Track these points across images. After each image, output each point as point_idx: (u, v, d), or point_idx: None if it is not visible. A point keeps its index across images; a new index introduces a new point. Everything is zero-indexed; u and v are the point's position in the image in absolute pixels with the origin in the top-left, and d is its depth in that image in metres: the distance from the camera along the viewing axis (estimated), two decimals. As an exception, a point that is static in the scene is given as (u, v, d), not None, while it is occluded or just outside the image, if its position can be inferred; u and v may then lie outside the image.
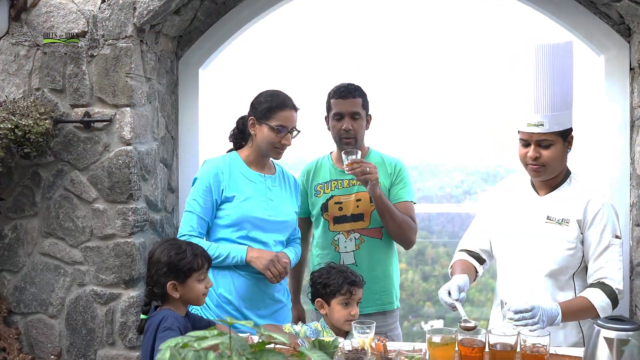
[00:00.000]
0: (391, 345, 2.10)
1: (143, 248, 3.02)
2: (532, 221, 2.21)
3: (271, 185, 2.70)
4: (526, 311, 1.99)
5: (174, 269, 2.19)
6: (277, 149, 2.62)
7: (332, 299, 2.43)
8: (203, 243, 2.50)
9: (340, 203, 2.86)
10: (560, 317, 2.05)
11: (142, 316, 2.26)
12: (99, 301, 2.99)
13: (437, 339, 1.98)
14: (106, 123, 2.95)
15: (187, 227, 2.58)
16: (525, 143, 2.14)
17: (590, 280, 2.17)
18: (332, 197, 2.87)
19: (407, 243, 2.88)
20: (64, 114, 2.97)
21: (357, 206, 2.85)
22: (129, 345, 2.95)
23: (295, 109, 2.64)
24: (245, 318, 2.60)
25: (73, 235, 2.99)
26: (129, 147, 2.94)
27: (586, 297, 2.10)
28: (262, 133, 2.61)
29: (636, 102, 2.96)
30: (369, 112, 2.86)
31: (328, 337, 2.29)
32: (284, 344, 1.32)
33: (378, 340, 2.07)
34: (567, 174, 2.22)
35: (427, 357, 1.97)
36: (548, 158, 2.11)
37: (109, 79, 2.96)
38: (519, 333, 1.96)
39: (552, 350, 1.97)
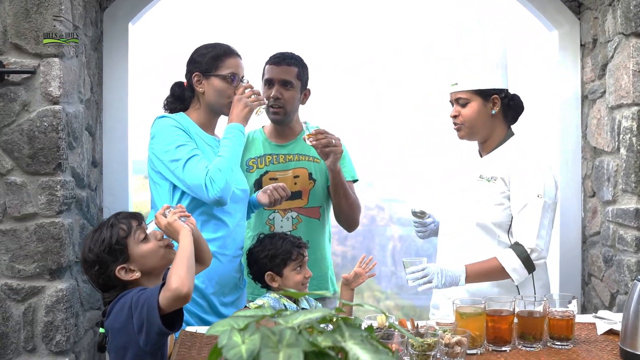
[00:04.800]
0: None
1: (72, 231, 2.48)
2: (466, 180, 2.34)
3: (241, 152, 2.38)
4: (417, 270, 2.13)
5: (106, 256, 1.71)
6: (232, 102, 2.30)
7: (283, 267, 2.25)
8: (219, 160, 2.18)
9: (276, 179, 2.58)
10: (463, 279, 2.14)
11: (102, 330, 1.72)
12: (14, 298, 2.39)
13: (466, 309, 1.87)
14: (26, 76, 2.37)
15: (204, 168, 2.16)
16: (451, 104, 2.31)
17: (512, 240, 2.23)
18: (266, 172, 2.59)
19: (354, 225, 2.69)
20: (-34, 63, 2.34)
21: (295, 183, 2.59)
22: (56, 350, 2.40)
23: (240, 56, 2.37)
24: (210, 305, 2.29)
25: (-23, 216, 2.37)
26: (57, 107, 2.39)
27: (497, 258, 2.15)
28: (211, 87, 2.29)
29: (587, 77, 3.05)
30: (308, 87, 2.60)
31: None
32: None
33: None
34: (508, 136, 2.30)
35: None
36: (465, 116, 2.25)
37: (30, 22, 2.38)
38: (546, 299, 1.91)
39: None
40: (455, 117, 2.27)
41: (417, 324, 1.84)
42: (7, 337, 2.38)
